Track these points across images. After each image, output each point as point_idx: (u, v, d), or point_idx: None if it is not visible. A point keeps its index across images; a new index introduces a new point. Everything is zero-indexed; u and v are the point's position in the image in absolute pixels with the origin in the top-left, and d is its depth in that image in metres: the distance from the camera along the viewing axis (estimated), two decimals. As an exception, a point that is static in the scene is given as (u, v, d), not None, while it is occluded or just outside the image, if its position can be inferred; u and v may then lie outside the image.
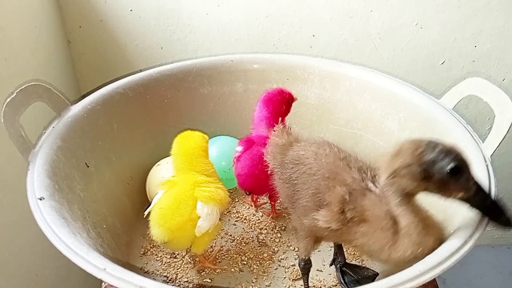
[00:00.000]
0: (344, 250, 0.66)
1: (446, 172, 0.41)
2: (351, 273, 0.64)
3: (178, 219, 0.57)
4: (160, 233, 0.57)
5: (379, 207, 0.46)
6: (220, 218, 0.62)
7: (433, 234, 0.45)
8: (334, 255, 0.66)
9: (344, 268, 0.64)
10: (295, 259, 0.68)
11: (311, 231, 0.53)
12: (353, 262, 0.67)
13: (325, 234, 0.51)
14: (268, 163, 0.60)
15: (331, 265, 0.67)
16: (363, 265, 0.66)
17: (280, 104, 0.70)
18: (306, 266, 0.59)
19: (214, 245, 0.70)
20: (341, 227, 0.48)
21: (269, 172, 0.61)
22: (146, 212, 0.60)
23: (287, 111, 0.72)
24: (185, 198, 0.58)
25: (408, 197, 0.45)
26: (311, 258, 0.60)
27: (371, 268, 0.65)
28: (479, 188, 0.42)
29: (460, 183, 0.42)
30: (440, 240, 0.45)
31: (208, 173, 0.63)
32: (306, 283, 0.60)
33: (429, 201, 0.46)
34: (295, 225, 0.57)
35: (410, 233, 0.44)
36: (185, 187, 0.59)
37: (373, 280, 0.63)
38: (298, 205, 0.54)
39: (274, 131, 0.62)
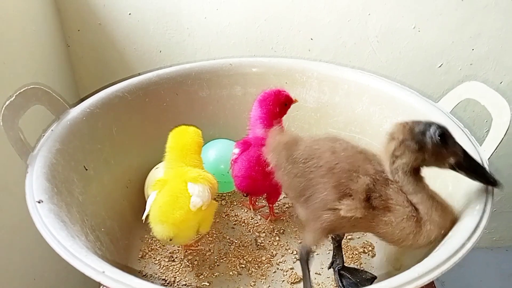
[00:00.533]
0: (343, 253, 0.66)
1: (436, 139, 0.46)
2: (349, 276, 0.64)
3: (179, 211, 0.58)
4: (164, 230, 0.58)
5: (402, 196, 0.50)
6: (214, 199, 0.64)
7: (450, 215, 0.50)
8: (332, 258, 0.66)
9: (342, 271, 0.65)
10: (294, 262, 0.68)
11: (329, 222, 0.53)
12: (352, 266, 0.67)
13: (344, 224, 0.52)
14: (270, 160, 0.59)
15: (329, 268, 0.67)
16: (362, 268, 0.66)
17: (274, 105, 0.70)
18: (309, 257, 0.58)
19: (212, 248, 0.70)
20: (366, 216, 0.50)
21: (271, 169, 0.60)
22: (144, 217, 0.60)
23: (282, 112, 0.72)
24: (181, 191, 0.59)
25: (419, 180, 0.49)
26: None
27: (369, 272, 0.65)
28: (465, 151, 0.48)
29: (450, 148, 0.47)
30: (455, 220, 0.50)
31: (198, 167, 0.65)
32: (308, 276, 0.59)
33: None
34: (307, 218, 0.56)
35: (432, 218, 0.49)
36: (177, 181, 0.61)
37: (371, 283, 0.63)
38: (314, 198, 0.53)
39: (273, 131, 0.62)
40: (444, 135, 0.47)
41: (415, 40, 0.89)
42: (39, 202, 0.50)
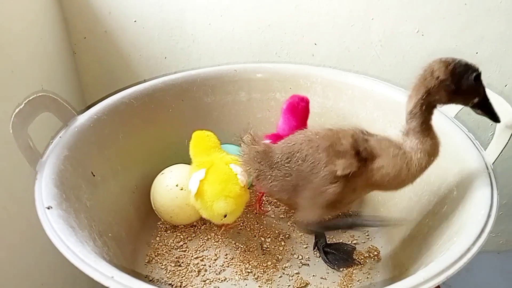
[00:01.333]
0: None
1: (472, 80, 0.49)
2: (333, 251, 0.69)
3: (237, 186, 0.65)
4: (226, 205, 0.63)
5: (383, 142, 0.55)
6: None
7: (438, 145, 0.54)
8: (315, 238, 0.70)
9: (326, 248, 0.69)
10: (299, 267, 0.68)
11: (332, 194, 0.56)
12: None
13: (345, 191, 0.56)
14: (251, 172, 0.62)
15: (314, 248, 0.70)
16: (341, 241, 0.72)
17: (305, 110, 0.73)
18: (315, 226, 0.62)
19: (218, 253, 0.71)
20: (360, 169, 0.54)
21: (256, 179, 0.62)
22: (193, 193, 0.65)
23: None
24: (230, 171, 0.66)
25: (431, 116, 0.52)
26: (314, 267, 0.66)
27: (349, 243, 0.72)
28: (485, 91, 0.51)
29: (478, 87, 0.50)
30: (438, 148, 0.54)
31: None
32: (324, 237, 0.66)
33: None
34: (307, 202, 0.58)
35: (424, 147, 0.52)
36: (221, 163, 0.67)
37: (352, 253, 0.70)
38: (313, 184, 0.56)
39: (244, 141, 0.62)
40: (479, 75, 0.49)
41: (419, 44, 0.90)
42: (48, 208, 0.51)
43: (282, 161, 0.58)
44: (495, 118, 0.53)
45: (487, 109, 0.52)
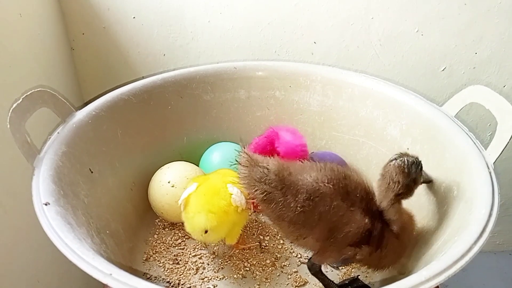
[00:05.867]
0: None
1: (419, 171, 0.55)
2: None
3: (222, 201, 0.61)
4: (206, 219, 0.60)
5: (388, 231, 0.56)
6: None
7: (413, 225, 0.59)
8: None
9: None
10: (298, 266, 0.68)
11: (347, 256, 0.56)
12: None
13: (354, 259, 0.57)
14: (256, 194, 0.54)
15: None
16: None
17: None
18: (320, 268, 0.61)
19: (217, 251, 0.70)
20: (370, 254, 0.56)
21: (261, 201, 0.55)
22: (180, 202, 0.63)
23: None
24: (222, 186, 0.63)
25: (399, 206, 0.57)
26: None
27: None
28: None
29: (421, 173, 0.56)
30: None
31: None
32: (329, 280, 0.62)
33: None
34: (323, 249, 0.57)
35: (408, 227, 0.58)
36: (217, 180, 0.64)
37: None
38: (335, 236, 0.54)
39: (241, 163, 0.55)
40: (422, 166, 0.56)
41: (418, 44, 0.90)
42: (46, 205, 0.50)
43: (304, 195, 0.52)
44: (429, 181, 0.62)
45: (426, 180, 0.62)
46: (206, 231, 0.60)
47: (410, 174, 0.54)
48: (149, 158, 0.77)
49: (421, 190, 0.65)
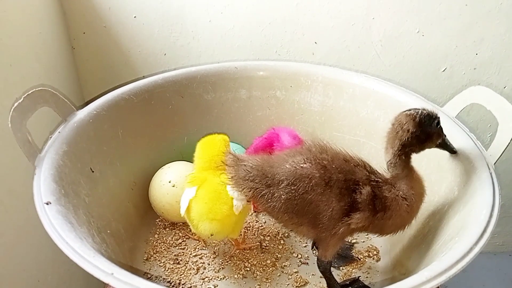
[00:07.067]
0: None
1: (435, 126, 0.54)
2: None
3: (225, 207, 0.60)
4: (211, 226, 0.60)
5: (392, 191, 0.54)
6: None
7: (423, 183, 0.56)
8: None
9: None
10: (298, 266, 0.68)
11: (342, 234, 0.55)
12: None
13: (356, 230, 0.55)
14: (245, 192, 0.56)
15: (312, 247, 0.70)
16: None
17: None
18: (330, 267, 0.61)
19: (217, 251, 0.70)
20: (372, 220, 0.54)
21: (252, 199, 0.57)
22: (183, 212, 0.62)
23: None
24: (222, 188, 0.61)
25: (409, 161, 0.55)
26: (313, 266, 0.65)
27: (347, 241, 0.71)
28: (443, 131, 0.56)
29: (440, 131, 0.55)
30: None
31: None
32: (335, 282, 0.62)
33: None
34: (318, 236, 0.56)
35: (417, 192, 0.55)
36: (215, 180, 0.62)
37: (350, 250, 0.70)
38: (321, 217, 0.53)
39: (227, 163, 0.57)
40: (439, 122, 0.54)
41: (419, 45, 0.90)
42: (47, 204, 0.50)
43: (285, 181, 0.53)
44: (453, 151, 0.60)
45: (447, 146, 0.58)
46: (212, 235, 0.61)
47: (422, 125, 0.52)
48: (150, 157, 0.77)
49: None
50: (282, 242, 0.72)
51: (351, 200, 0.53)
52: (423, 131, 0.53)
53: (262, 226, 0.75)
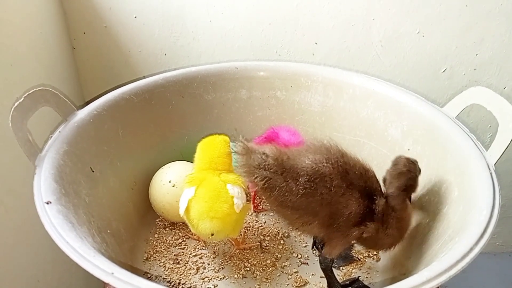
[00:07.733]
0: None
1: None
2: None
3: (225, 205, 0.60)
4: (212, 225, 0.59)
5: (390, 209, 0.57)
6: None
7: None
8: (313, 238, 0.69)
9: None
10: (298, 266, 0.68)
11: (354, 237, 0.56)
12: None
13: (361, 238, 0.58)
14: (257, 181, 0.53)
15: (312, 247, 0.70)
16: None
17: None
18: (332, 264, 0.62)
19: (217, 251, 0.70)
20: (376, 232, 0.57)
21: (261, 189, 0.54)
22: (182, 212, 0.61)
23: None
24: (221, 186, 0.61)
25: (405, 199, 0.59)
26: (313, 266, 0.66)
27: None
28: None
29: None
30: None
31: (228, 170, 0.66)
32: (336, 280, 0.62)
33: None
34: (329, 235, 0.57)
35: (408, 218, 0.60)
36: (215, 179, 0.62)
37: (351, 250, 0.70)
38: (337, 218, 0.54)
39: (237, 151, 0.54)
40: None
41: (419, 45, 0.90)
42: (47, 203, 0.50)
43: (304, 177, 0.52)
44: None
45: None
46: (212, 234, 0.60)
47: (419, 170, 0.58)
48: (150, 157, 0.77)
49: (421, 191, 0.66)
50: (282, 242, 0.72)
51: (368, 208, 0.54)
52: (416, 175, 0.58)
53: (262, 226, 0.75)
